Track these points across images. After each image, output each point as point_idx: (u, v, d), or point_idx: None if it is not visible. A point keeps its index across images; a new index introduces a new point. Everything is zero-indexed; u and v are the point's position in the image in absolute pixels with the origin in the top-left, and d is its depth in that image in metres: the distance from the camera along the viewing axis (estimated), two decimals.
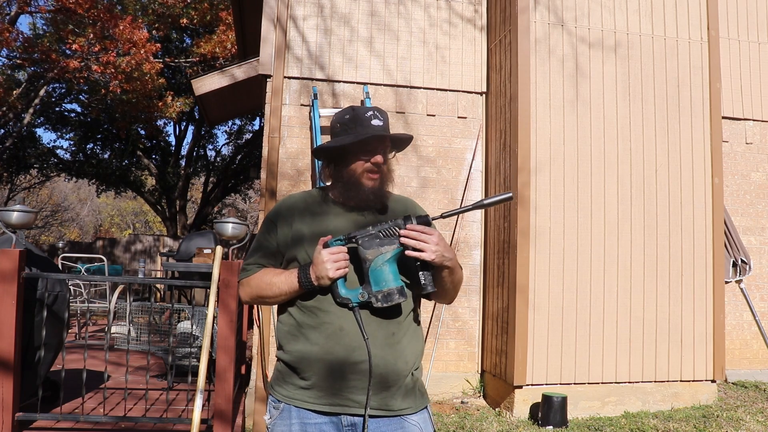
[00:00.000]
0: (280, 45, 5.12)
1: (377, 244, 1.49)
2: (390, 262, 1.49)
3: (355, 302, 1.48)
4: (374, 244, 1.49)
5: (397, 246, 1.49)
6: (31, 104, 13.82)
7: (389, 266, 1.48)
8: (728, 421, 4.33)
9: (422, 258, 1.48)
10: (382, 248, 1.48)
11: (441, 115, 5.40)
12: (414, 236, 1.48)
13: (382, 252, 1.48)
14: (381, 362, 1.50)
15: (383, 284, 1.47)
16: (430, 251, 1.48)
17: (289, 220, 1.63)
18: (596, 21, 4.92)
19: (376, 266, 1.48)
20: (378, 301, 1.47)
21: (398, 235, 1.49)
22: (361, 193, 1.59)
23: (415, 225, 1.50)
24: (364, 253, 1.49)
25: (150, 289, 8.27)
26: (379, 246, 1.48)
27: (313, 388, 1.52)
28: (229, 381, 3.14)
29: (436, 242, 1.49)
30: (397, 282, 1.48)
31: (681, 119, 4.97)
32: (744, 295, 5.41)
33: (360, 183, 1.59)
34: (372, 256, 1.48)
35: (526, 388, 4.51)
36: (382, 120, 1.61)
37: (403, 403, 1.54)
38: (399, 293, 1.47)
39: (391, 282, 1.47)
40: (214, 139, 21.83)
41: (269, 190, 5.00)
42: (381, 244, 1.49)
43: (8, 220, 3.10)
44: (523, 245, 4.58)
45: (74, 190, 29.90)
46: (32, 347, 3.25)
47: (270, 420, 1.59)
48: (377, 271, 1.48)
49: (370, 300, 1.47)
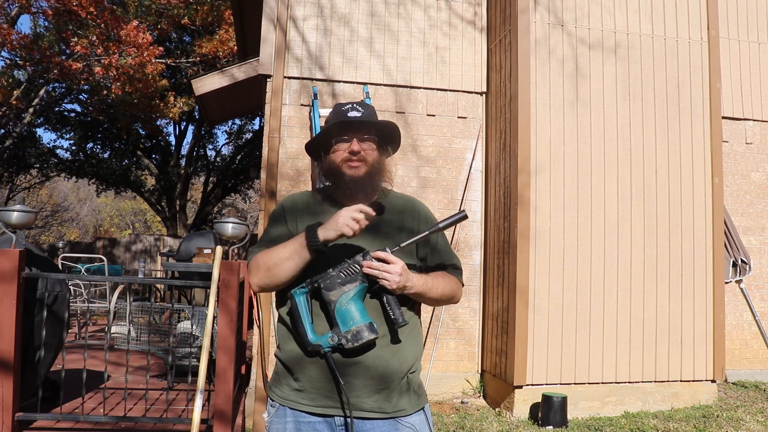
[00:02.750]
0: (280, 45, 5.12)
1: (339, 284, 1.46)
2: (355, 300, 1.46)
3: (326, 347, 1.45)
4: (336, 284, 1.46)
5: (359, 282, 1.46)
6: (31, 104, 13.82)
7: (354, 304, 1.46)
8: (728, 421, 4.33)
9: (384, 286, 1.47)
10: (344, 287, 1.45)
11: (441, 115, 5.40)
12: (376, 267, 1.46)
13: (344, 291, 1.45)
14: (377, 362, 1.50)
15: (350, 323, 1.44)
16: (393, 281, 1.46)
17: (294, 216, 1.65)
18: (596, 21, 4.92)
19: (341, 306, 1.45)
20: (348, 342, 1.43)
21: (359, 272, 1.46)
22: (341, 182, 1.59)
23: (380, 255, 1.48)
24: (327, 296, 1.46)
25: (150, 289, 8.27)
26: (341, 285, 1.46)
27: (306, 389, 1.52)
28: (229, 381, 3.14)
29: (399, 272, 1.47)
30: (365, 319, 1.45)
31: (681, 119, 4.97)
32: (744, 295, 5.41)
33: (341, 172, 1.59)
34: (335, 296, 1.45)
35: (526, 388, 4.51)
36: (361, 112, 1.61)
37: (398, 404, 1.54)
38: (368, 329, 1.44)
39: (358, 320, 1.44)
40: (214, 139, 21.86)
41: (269, 191, 5.00)
42: (343, 283, 1.46)
43: (8, 220, 3.10)
44: (523, 245, 4.58)
45: (74, 190, 29.91)
46: (32, 347, 3.25)
47: (268, 418, 1.60)
48: (343, 311, 1.45)
49: (340, 342, 1.43)
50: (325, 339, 1.45)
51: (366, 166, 1.59)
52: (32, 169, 17.58)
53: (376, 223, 1.62)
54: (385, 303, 1.49)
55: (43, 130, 29.46)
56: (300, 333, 1.47)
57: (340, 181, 1.60)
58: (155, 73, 12.31)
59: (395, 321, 1.48)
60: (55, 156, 16.97)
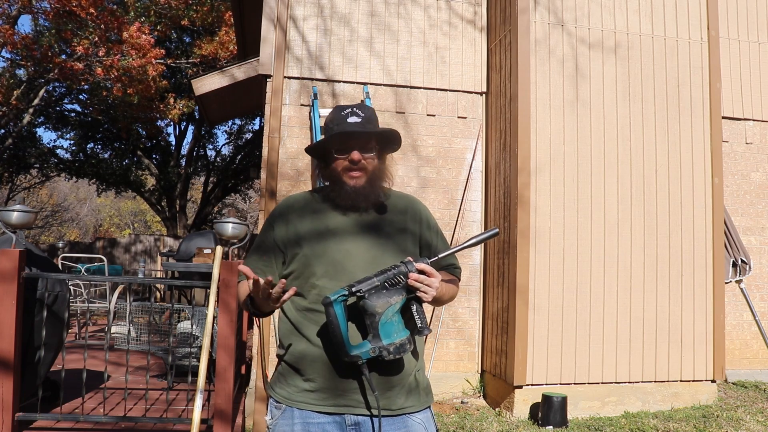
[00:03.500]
0: (280, 45, 5.13)
1: (384, 295, 1.40)
2: (398, 313, 1.42)
3: (365, 358, 1.40)
4: (381, 295, 1.40)
5: (404, 295, 1.42)
6: (31, 104, 13.82)
7: (398, 317, 1.42)
8: (728, 421, 4.33)
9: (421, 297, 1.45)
10: (390, 299, 1.41)
11: (441, 115, 5.40)
12: (421, 279, 1.44)
13: (391, 303, 1.40)
14: (387, 363, 1.49)
15: (395, 336, 1.40)
16: (431, 295, 1.45)
17: (287, 219, 1.64)
18: (596, 21, 4.92)
19: (386, 319, 1.40)
20: (390, 354, 1.39)
21: (404, 283, 1.42)
22: (343, 192, 1.58)
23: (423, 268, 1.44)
24: (372, 308, 1.40)
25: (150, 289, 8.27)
26: (387, 297, 1.40)
27: (316, 389, 1.51)
28: (229, 381, 3.14)
29: (438, 286, 1.46)
30: (406, 332, 1.43)
31: (681, 119, 4.97)
32: (744, 295, 5.41)
33: (342, 182, 1.59)
34: (382, 309, 1.40)
35: (526, 388, 4.51)
36: (361, 117, 1.59)
37: (406, 402, 1.54)
38: (409, 342, 1.43)
39: (402, 332, 1.42)
40: (214, 139, 21.84)
41: (269, 191, 5.00)
42: (389, 294, 1.40)
43: (8, 220, 3.10)
44: (523, 245, 4.58)
45: (74, 190, 29.90)
46: (32, 347, 3.25)
47: (271, 420, 1.58)
48: (388, 324, 1.40)
49: (381, 354, 1.39)
50: (365, 350, 1.40)
51: (366, 174, 1.59)
52: (32, 169, 17.57)
53: (378, 223, 1.62)
54: (414, 312, 1.46)
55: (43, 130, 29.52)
56: (336, 342, 1.42)
57: (341, 190, 1.59)
58: (156, 75, 12.31)
59: (421, 330, 1.47)
60: (55, 156, 16.96)
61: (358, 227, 1.59)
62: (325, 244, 1.56)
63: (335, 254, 1.54)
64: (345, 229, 1.58)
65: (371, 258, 1.55)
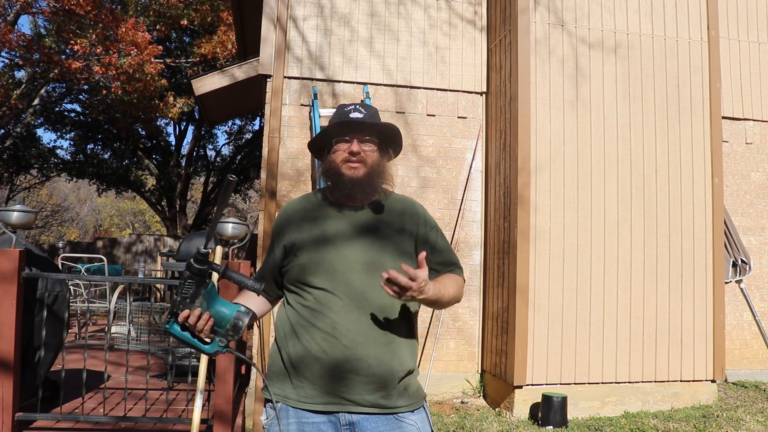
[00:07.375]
0: (280, 45, 5.13)
1: (188, 303, 1.42)
2: (211, 303, 1.44)
3: (222, 350, 1.46)
4: (186, 305, 1.42)
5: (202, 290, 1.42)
6: (31, 104, 13.82)
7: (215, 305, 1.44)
8: (728, 421, 4.33)
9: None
10: (195, 302, 1.42)
11: (441, 115, 5.40)
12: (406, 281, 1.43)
13: (196, 305, 1.42)
14: (376, 362, 1.49)
15: (223, 322, 1.44)
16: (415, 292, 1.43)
17: (285, 231, 1.65)
18: (596, 21, 4.92)
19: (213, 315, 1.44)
20: (231, 336, 1.45)
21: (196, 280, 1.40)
22: (340, 183, 1.59)
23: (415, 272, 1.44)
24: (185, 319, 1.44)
25: (150, 289, 8.26)
26: (190, 304, 1.42)
27: (310, 388, 1.52)
28: (229, 381, 3.14)
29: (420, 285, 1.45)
30: (232, 310, 1.45)
31: (681, 119, 4.97)
32: (744, 295, 5.41)
33: (340, 172, 1.59)
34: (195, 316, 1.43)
35: (526, 388, 4.51)
36: (363, 114, 1.61)
37: (398, 401, 1.54)
38: (243, 315, 1.44)
39: (228, 315, 1.44)
40: (214, 139, 21.83)
41: (269, 191, 5.00)
42: (192, 300, 1.42)
43: (8, 220, 3.10)
44: (523, 245, 4.58)
45: (74, 190, 29.91)
46: (32, 347, 3.25)
47: (266, 420, 1.58)
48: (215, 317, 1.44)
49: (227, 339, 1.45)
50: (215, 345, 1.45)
51: (365, 167, 1.59)
52: (32, 169, 17.57)
53: (376, 224, 1.62)
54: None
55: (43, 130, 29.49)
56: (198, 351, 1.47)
57: (339, 181, 1.60)
58: (155, 73, 12.31)
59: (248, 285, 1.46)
60: (55, 156, 16.96)
61: (356, 230, 1.59)
62: (324, 251, 1.56)
63: (333, 262, 1.55)
64: (342, 234, 1.58)
65: (369, 260, 1.55)
